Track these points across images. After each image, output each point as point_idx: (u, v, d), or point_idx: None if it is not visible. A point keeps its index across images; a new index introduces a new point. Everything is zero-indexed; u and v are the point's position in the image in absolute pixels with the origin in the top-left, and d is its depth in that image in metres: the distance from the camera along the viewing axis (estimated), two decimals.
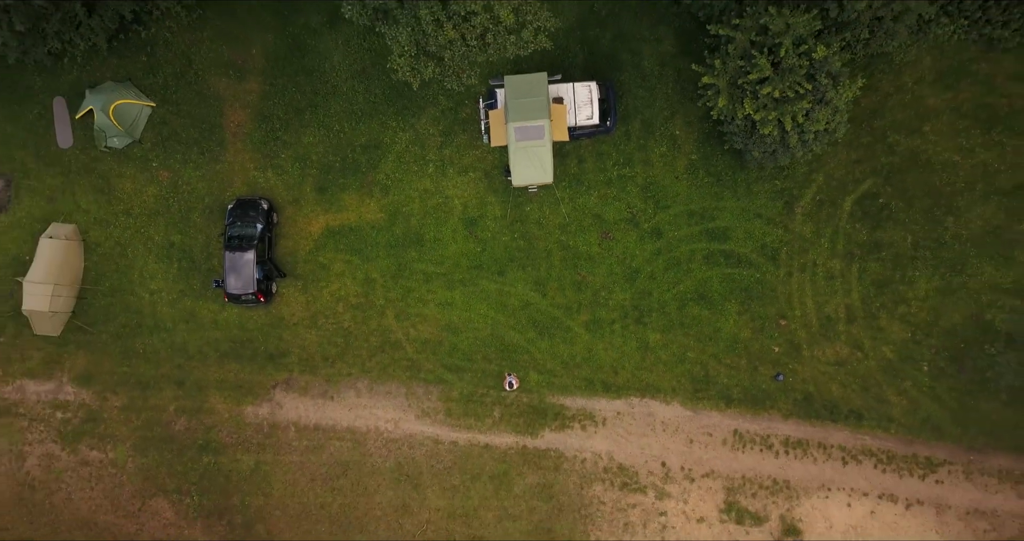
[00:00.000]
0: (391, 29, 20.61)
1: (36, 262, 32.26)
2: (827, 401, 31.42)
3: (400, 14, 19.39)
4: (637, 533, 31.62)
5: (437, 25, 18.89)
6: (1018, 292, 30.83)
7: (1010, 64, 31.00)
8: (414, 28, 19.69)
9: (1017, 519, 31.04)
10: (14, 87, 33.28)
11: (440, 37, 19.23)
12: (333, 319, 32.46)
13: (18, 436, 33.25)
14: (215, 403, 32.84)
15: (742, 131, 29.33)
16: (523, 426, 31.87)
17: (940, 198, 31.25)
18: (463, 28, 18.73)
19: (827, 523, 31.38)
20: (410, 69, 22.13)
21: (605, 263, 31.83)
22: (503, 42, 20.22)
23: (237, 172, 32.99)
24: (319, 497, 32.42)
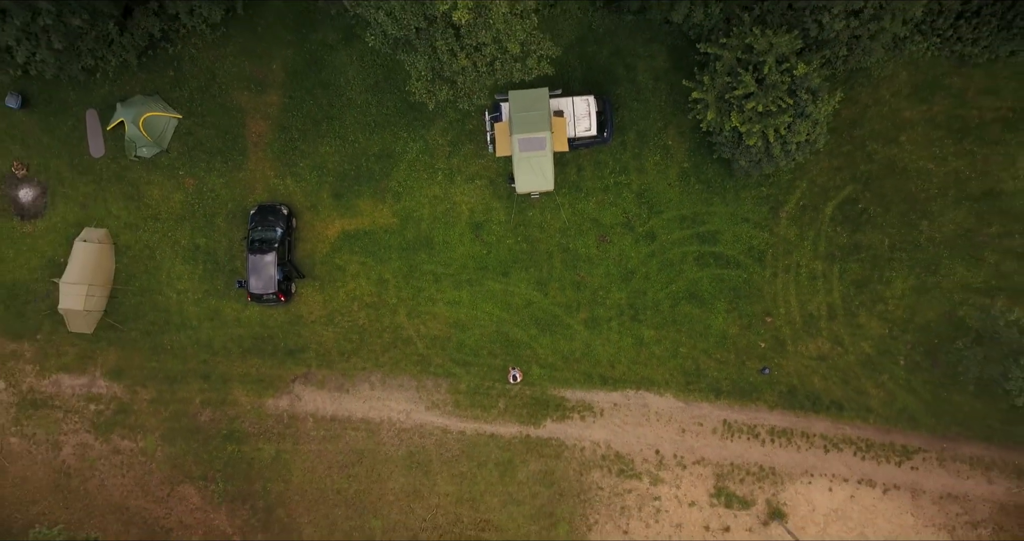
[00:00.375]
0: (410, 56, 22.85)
1: (71, 264, 34.48)
2: (810, 393, 33.65)
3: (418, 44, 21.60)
4: (633, 516, 33.89)
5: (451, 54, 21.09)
6: (988, 291, 33.05)
7: (980, 79, 33.21)
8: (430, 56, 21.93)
9: (987, 503, 33.28)
10: (50, 101, 35.52)
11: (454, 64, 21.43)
12: (348, 317, 34.72)
13: (54, 427, 35.54)
14: (238, 396, 35.11)
15: (730, 142, 31.54)
16: (526, 417, 34.13)
17: (915, 203, 33.46)
18: (474, 57, 20.87)
19: (810, 507, 33.63)
20: (426, 92, 24.37)
21: (603, 264, 34.08)
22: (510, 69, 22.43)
23: (258, 179, 35.25)
24: (336, 483, 34.68)
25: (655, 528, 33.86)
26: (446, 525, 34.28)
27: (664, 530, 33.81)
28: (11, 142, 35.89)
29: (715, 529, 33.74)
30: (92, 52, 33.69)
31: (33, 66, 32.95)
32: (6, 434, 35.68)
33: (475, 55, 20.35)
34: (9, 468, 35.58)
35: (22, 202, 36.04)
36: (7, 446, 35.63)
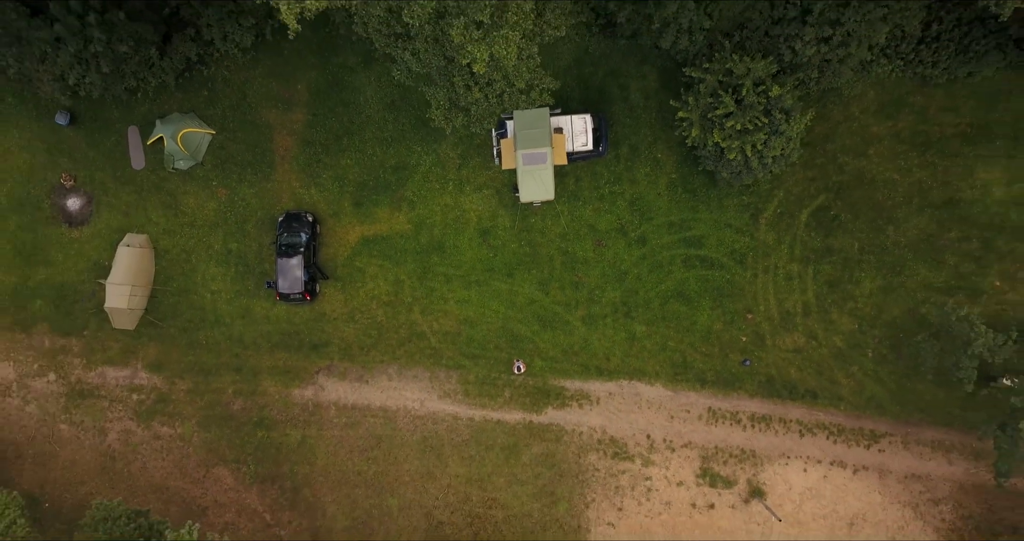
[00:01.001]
0: (431, 89, 26.20)
1: (115, 266, 37.96)
2: (787, 383, 37.08)
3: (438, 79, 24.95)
4: (626, 495, 37.34)
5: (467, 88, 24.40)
6: (948, 290, 36.43)
7: (940, 97, 36.58)
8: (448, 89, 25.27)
9: (947, 482, 36.70)
10: (95, 118, 38.99)
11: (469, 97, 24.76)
12: (368, 314, 38.19)
13: (100, 415, 39.05)
14: (267, 386, 38.60)
15: (713, 156, 34.96)
16: (529, 404, 37.59)
17: (882, 210, 36.86)
18: (486, 90, 24.16)
19: (787, 486, 37.06)
20: (444, 119, 27.76)
21: (599, 266, 37.51)
22: (516, 100, 25.78)
23: (285, 189, 38.72)
24: (356, 465, 38.17)
25: (646, 506, 37.32)
26: (457, 503, 37.77)
27: (655, 507, 37.26)
28: (60, 156, 39.38)
29: (701, 506, 37.19)
30: (135, 74, 37.18)
31: (82, 87, 36.39)
32: (57, 421, 39.21)
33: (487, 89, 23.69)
34: (59, 452, 39.10)
35: (70, 210, 39.54)
36: (58, 432, 39.16)
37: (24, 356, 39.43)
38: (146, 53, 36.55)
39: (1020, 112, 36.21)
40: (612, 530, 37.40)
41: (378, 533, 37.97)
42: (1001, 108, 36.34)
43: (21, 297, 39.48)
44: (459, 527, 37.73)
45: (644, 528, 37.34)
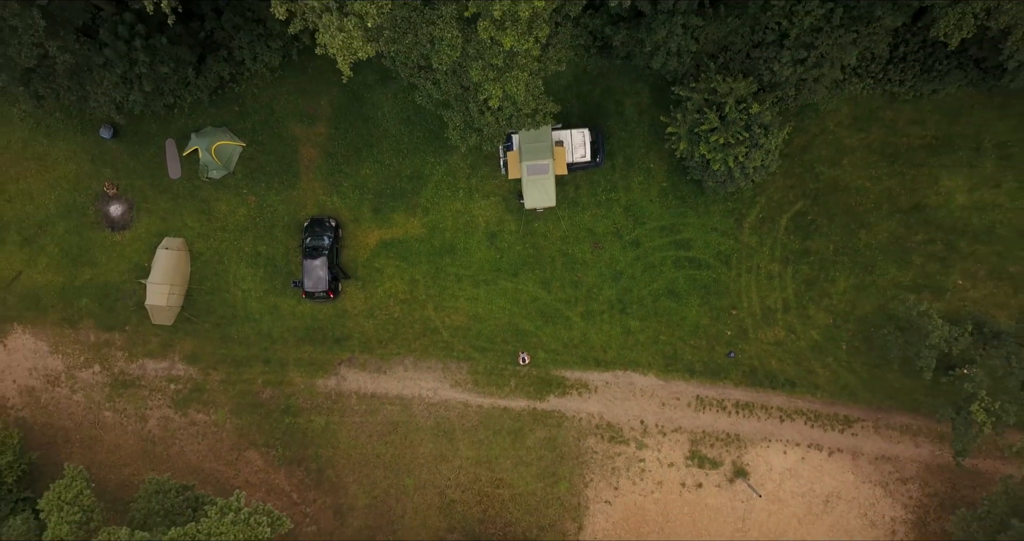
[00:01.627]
0: (448, 112, 29.77)
1: (154, 267, 41.58)
2: (768, 372, 40.64)
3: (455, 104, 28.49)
4: (622, 475, 40.94)
5: (480, 113, 27.89)
6: (915, 288, 39.96)
7: (908, 112, 40.11)
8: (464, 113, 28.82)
9: (915, 463, 40.24)
10: (136, 132, 42.63)
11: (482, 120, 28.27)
12: (385, 311, 41.81)
13: (141, 403, 42.73)
14: (293, 377, 42.24)
15: (699, 166, 38.50)
16: (533, 393, 41.20)
17: (855, 215, 40.38)
18: (497, 115, 27.62)
19: (768, 467, 40.63)
20: (460, 139, 31.34)
21: (596, 267, 41.10)
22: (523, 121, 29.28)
23: (309, 197, 42.34)
24: (375, 449, 41.79)
25: (640, 485, 40.92)
26: (467, 483, 41.40)
27: (647, 487, 40.86)
28: (104, 166, 43.04)
29: (690, 485, 40.79)
30: (173, 92, 40.75)
31: (126, 104, 40.01)
32: (101, 409, 42.89)
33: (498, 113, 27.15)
34: (104, 437, 42.78)
35: (113, 216, 43.19)
36: (102, 419, 42.84)
37: (71, 349, 43.09)
38: (184, 73, 40.13)
39: (980, 125, 39.73)
40: (609, 507, 41.01)
41: (396, 510, 41.62)
42: (963, 122, 39.85)
43: (68, 295, 43.14)
44: (469, 505, 41.36)
45: (638, 506, 40.93)
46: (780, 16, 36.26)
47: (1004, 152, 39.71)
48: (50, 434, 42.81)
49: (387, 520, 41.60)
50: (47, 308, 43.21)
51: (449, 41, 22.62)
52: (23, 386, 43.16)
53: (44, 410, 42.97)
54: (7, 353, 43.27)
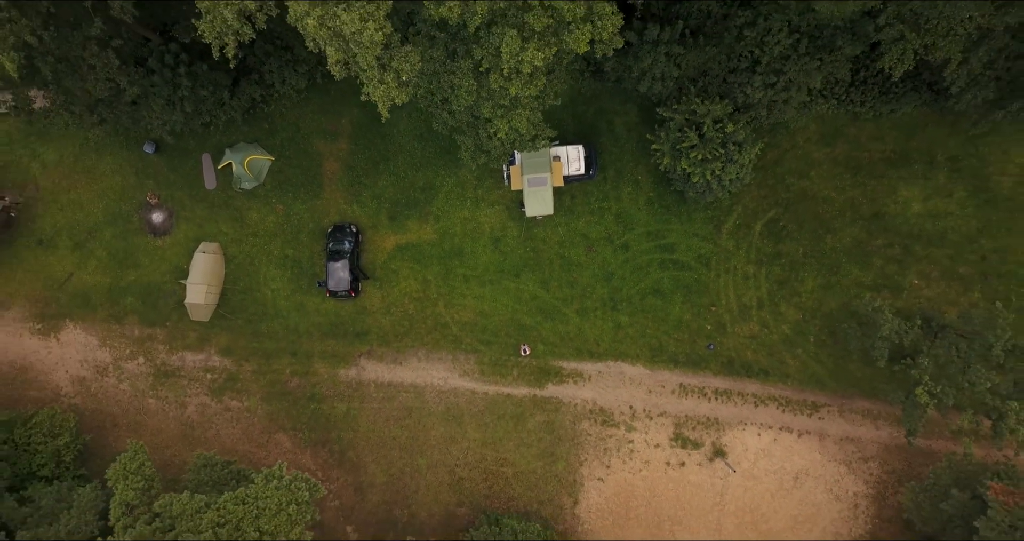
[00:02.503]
0: (461, 137, 34.48)
1: (193, 269, 46.28)
2: (744, 363, 45.31)
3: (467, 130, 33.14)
4: (613, 455, 45.63)
5: (488, 138, 32.53)
6: (875, 287, 44.59)
7: (870, 129, 44.75)
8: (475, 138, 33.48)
9: (875, 444, 44.87)
10: (176, 147, 47.34)
11: (489, 144, 32.93)
12: (401, 308, 46.53)
13: (181, 391, 47.47)
14: (318, 367, 46.96)
15: (681, 179, 43.16)
16: (533, 381, 45.90)
17: (822, 222, 45.03)
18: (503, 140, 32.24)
19: (744, 447, 45.30)
20: (471, 159, 36.07)
21: (590, 268, 45.78)
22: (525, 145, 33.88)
23: (332, 206, 47.06)
24: (392, 432, 46.50)
25: (629, 464, 45.62)
26: (474, 462, 46.11)
27: (636, 465, 45.56)
28: (147, 178, 47.77)
29: (674, 464, 45.48)
30: (210, 112, 45.41)
31: (168, 124, 44.68)
32: (145, 397, 47.65)
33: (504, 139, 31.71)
34: (147, 422, 47.53)
35: (155, 223, 47.93)
36: (146, 405, 47.61)
37: (118, 343, 47.86)
38: (220, 95, 44.82)
39: (934, 141, 44.38)
40: (601, 484, 45.73)
41: (410, 487, 46.36)
42: (918, 138, 44.51)
43: (115, 295, 47.89)
44: (476, 482, 46.08)
45: (627, 482, 45.64)
46: (752, 45, 40.95)
47: (955, 165, 44.36)
48: (100, 419, 47.56)
49: (402, 496, 46.35)
50: (96, 306, 47.97)
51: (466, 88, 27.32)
52: (75, 376, 47.93)
53: (94, 398, 47.73)
54: (60, 346, 48.04)
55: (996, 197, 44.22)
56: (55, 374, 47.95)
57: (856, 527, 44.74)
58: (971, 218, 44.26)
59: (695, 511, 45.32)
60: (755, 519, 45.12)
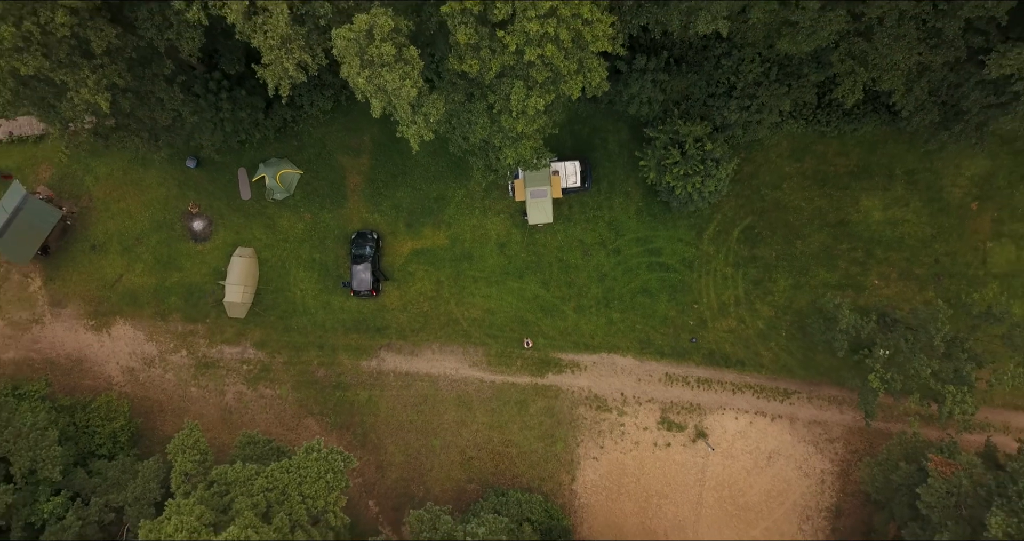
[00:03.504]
0: (473, 158, 40.04)
1: (230, 271, 51.77)
2: (723, 354, 50.76)
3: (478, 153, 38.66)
4: (606, 436, 51.13)
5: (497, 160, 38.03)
6: (839, 287, 50.00)
7: (835, 146, 50.16)
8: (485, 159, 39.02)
9: (840, 426, 50.30)
10: (215, 162, 52.85)
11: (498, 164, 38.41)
12: (417, 306, 52.05)
13: (220, 380, 53.04)
14: (343, 359, 52.50)
15: (666, 191, 48.59)
16: (535, 371, 51.41)
17: (792, 229, 50.46)
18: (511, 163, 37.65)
19: (723, 429, 50.78)
20: (482, 177, 41.60)
21: (585, 270, 51.26)
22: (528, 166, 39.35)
23: (355, 214, 52.58)
24: (409, 417, 52.03)
25: (621, 445, 51.12)
26: (482, 443, 51.66)
27: (627, 446, 51.06)
28: (189, 190, 53.33)
29: (660, 445, 50.98)
30: (246, 131, 50.96)
31: (212, 143, 50.12)
32: (188, 386, 53.23)
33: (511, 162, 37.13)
34: (190, 408, 53.11)
35: (196, 230, 53.49)
36: (189, 393, 53.19)
37: (163, 338, 53.45)
38: (255, 116, 50.33)
39: (892, 157, 49.80)
40: (596, 462, 51.25)
41: (425, 465, 51.93)
42: (878, 153, 49.93)
43: (160, 294, 53.48)
44: (484, 461, 51.63)
45: (619, 461, 51.16)
46: (729, 73, 46.48)
47: (911, 178, 49.81)
48: (147, 405, 53.17)
49: (418, 473, 51.92)
50: (143, 304, 53.56)
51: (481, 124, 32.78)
52: (125, 367, 53.53)
53: (142, 386, 53.33)
54: (112, 340, 53.65)
55: (948, 206, 49.66)
56: (107, 365, 53.56)
57: (823, 500, 50.24)
58: (925, 225, 49.68)
59: (679, 486, 50.85)
60: (732, 493, 50.64)
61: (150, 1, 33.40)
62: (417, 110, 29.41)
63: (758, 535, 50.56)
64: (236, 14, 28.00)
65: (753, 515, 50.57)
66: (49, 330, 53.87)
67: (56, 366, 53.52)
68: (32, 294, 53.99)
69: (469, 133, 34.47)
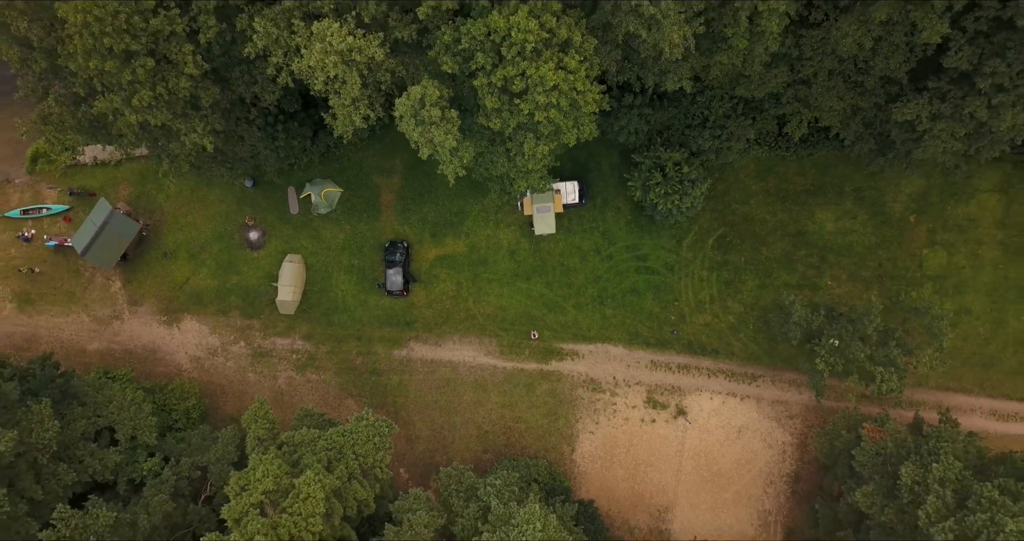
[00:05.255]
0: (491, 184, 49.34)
1: (282, 274, 61.12)
2: (700, 344, 59.98)
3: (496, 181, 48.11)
4: (601, 414, 60.36)
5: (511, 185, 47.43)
6: (798, 287, 59.13)
7: (793, 168, 59.34)
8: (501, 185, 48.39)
9: (799, 405, 59.46)
10: (268, 182, 62.30)
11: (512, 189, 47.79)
12: (440, 304, 61.39)
13: (273, 367, 62.45)
14: (377, 349, 61.86)
15: (650, 206, 57.83)
16: (540, 358, 60.71)
17: (758, 238, 59.66)
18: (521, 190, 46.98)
19: (700, 408, 59.98)
20: (499, 199, 50.91)
21: (583, 273, 60.53)
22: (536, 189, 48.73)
23: (388, 226, 61.97)
24: (433, 397, 61.35)
25: (613, 421, 60.35)
26: (496, 419, 60.98)
27: (618, 422, 60.31)
28: (245, 205, 62.81)
29: (647, 421, 60.21)
30: (295, 156, 60.32)
31: (271, 167, 59.45)
32: (246, 372, 62.67)
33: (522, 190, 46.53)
34: (248, 391, 62.52)
35: (252, 240, 62.96)
36: (247, 378, 62.63)
37: (224, 331, 62.92)
38: (304, 143, 59.77)
39: (842, 177, 58.92)
40: (592, 436, 60.51)
41: (448, 438, 61.26)
42: (831, 174, 59.08)
43: (221, 294, 62.94)
44: (497, 435, 60.94)
45: (612, 435, 60.41)
46: (703, 108, 55.70)
47: (858, 195, 58.95)
48: (212, 389, 62.63)
49: (442, 445, 61.26)
50: (207, 303, 63.04)
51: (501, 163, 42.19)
52: (192, 356, 63.02)
53: (207, 372, 62.81)
54: (181, 333, 63.15)
55: (890, 219, 58.81)
56: (177, 355, 63.07)
57: (784, 467, 59.42)
58: (871, 235, 58.82)
59: (662, 456, 60.08)
60: (708, 462, 59.84)
61: (240, 64, 42.81)
62: (454, 154, 38.73)
63: (729, 497, 59.80)
64: (319, 83, 37.28)
65: (725, 480, 59.79)
66: (127, 325, 63.41)
67: (134, 355, 63.05)
68: (113, 294, 63.54)
69: (491, 168, 43.90)
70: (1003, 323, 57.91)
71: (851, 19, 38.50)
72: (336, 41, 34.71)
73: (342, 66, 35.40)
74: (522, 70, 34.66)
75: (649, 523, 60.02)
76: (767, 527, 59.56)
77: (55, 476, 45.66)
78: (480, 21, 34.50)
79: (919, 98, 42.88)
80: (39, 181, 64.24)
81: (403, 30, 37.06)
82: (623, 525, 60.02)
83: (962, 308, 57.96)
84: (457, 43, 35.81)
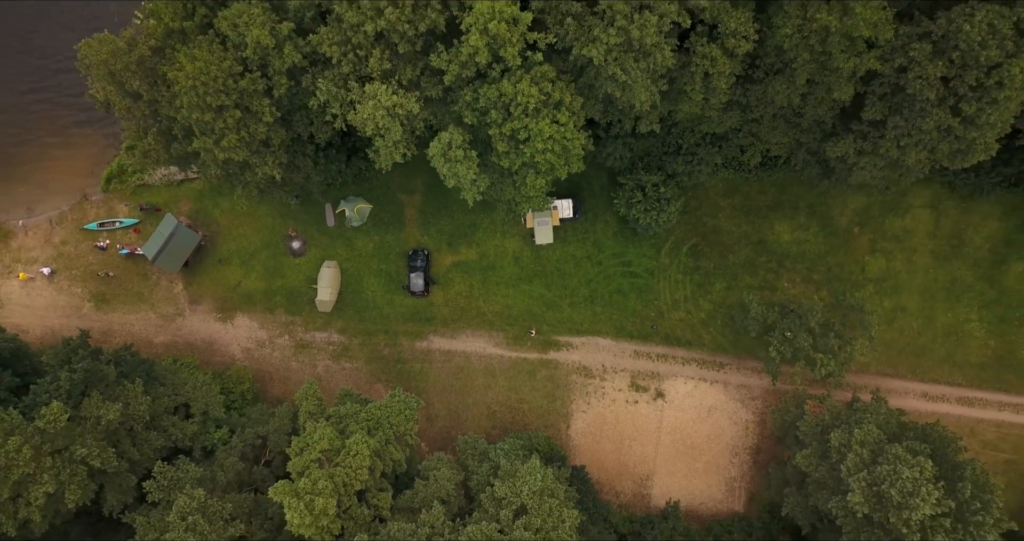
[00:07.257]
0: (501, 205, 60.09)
1: (320, 277, 71.85)
2: (676, 337, 70.65)
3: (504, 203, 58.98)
4: (592, 396, 71.06)
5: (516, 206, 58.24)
6: (760, 289, 69.72)
7: (756, 186, 69.98)
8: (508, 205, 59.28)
9: (760, 388, 70.05)
10: (308, 199, 73.04)
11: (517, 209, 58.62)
12: (456, 303, 72.14)
13: (312, 357, 73.19)
14: (402, 341, 72.61)
15: (634, 220, 68.47)
16: (540, 349, 71.42)
17: (726, 247, 70.32)
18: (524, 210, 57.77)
19: (676, 391, 70.64)
20: (506, 216, 61.76)
21: (577, 276, 71.22)
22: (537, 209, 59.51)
23: (411, 237, 72.73)
24: (450, 382, 72.06)
25: (603, 402, 71.05)
26: (503, 400, 71.70)
27: (606, 403, 70.99)
28: (289, 219, 73.64)
29: (631, 402, 70.87)
30: (332, 177, 71.05)
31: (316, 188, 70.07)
32: (290, 361, 73.47)
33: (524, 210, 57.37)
34: (292, 377, 73.31)
35: (294, 248, 73.77)
36: (291, 366, 73.42)
37: (271, 326, 73.74)
38: (340, 167, 70.49)
39: (798, 195, 69.54)
40: (584, 415, 71.19)
41: (462, 417, 72.02)
42: (788, 192, 69.76)
43: (268, 295, 73.75)
44: (504, 414, 71.69)
45: (601, 414, 71.12)
46: (677, 138, 66.35)
47: (811, 210, 69.60)
48: (261, 375, 73.43)
49: (457, 423, 72.04)
50: (256, 302, 73.86)
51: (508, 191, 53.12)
52: (243, 348, 73.85)
53: (256, 361, 73.63)
54: (234, 328, 73.98)
55: (837, 230, 69.45)
56: (231, 346, 73.90)
57: (747, 441, 70.10)
58: (821, 244, 69.45)
59: (644, 432, 70.78)
60: (682, 437, 70.54)
61: (300, 109, 53.74)
62: (473, 184, 49.62)
63: (700, 467, 70.49)
64: (370, 130, 48.00)
65: (697, 452, 70.46)
66: (188, 321, 74.25)
67: (194, 347, 73.89)
68: (176, 295, 74.41)
69: (501, 195, 54.85)
70: (933, 319, 68.57)
71: (782, 80, 49.23)
72: (384, 99, 45.49)
73: (388, 118, 46.18)
74: (525, 124, 45.49)
75: (632, 488, 70.76)
76: (733, 492, 70.27)
77: (147, 441, 56.48)
78: (494, 87, 45.40)
79: (847, 137, 53.57)
80: (112, 198, 75.09)
81: (432, 89, 47.86)
82: (610, 490, 70.76)
83: (898, 306, 68.68)
84: (476, 101, 46.66)
